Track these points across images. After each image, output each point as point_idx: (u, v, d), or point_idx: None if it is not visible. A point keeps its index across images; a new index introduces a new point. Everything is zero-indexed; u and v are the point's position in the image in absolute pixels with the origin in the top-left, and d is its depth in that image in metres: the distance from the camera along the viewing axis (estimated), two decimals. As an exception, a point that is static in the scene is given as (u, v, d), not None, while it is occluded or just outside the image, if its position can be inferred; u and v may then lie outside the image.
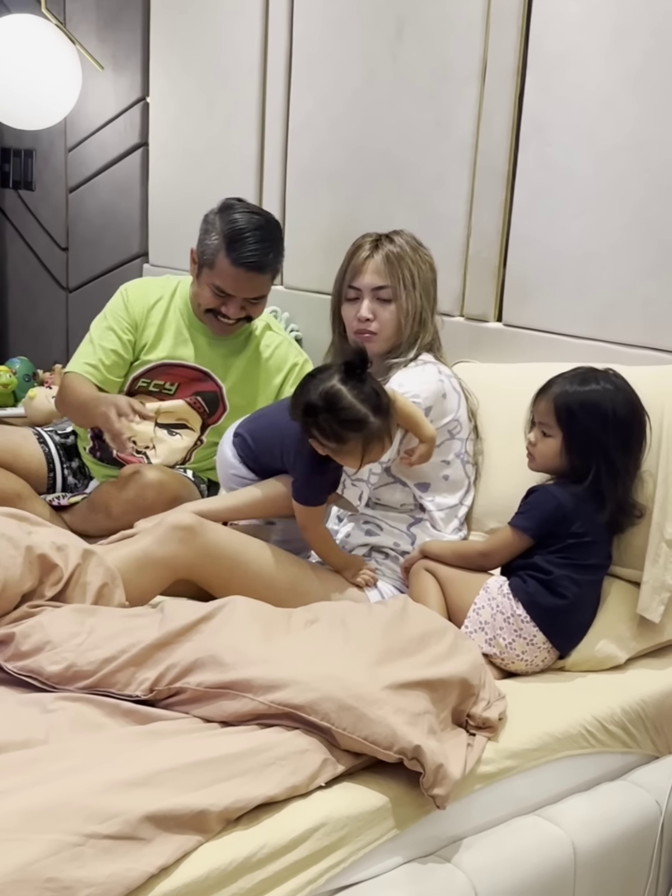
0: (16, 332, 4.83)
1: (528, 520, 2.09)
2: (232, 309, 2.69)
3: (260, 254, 2.63)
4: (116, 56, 3.94)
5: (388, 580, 2.31)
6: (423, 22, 2.80)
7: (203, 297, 2.73)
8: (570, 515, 2.06)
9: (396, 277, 2.37)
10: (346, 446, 2.10)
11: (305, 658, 1.72)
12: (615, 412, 2.07)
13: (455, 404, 2.35)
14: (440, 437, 2.32)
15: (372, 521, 2.38)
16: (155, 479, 2.58)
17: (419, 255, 2.41)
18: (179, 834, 1.40)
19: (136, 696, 1.73)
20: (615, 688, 2.02)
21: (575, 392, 2.09)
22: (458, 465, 2.38)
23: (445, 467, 2.36)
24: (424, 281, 2.40)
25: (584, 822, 1.80)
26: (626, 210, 2.44)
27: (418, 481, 2.35)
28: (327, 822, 1.51)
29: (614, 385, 2.10)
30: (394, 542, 2.35)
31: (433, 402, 2.30)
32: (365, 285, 2.39)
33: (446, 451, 2.35)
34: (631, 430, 2.10)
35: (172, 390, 2.82)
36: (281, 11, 3.20)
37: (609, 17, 2.42)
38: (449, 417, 2.34)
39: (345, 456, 2.12)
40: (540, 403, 2.14)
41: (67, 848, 1.32)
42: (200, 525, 2.15)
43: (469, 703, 1.78)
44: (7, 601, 1.87)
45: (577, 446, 2.09)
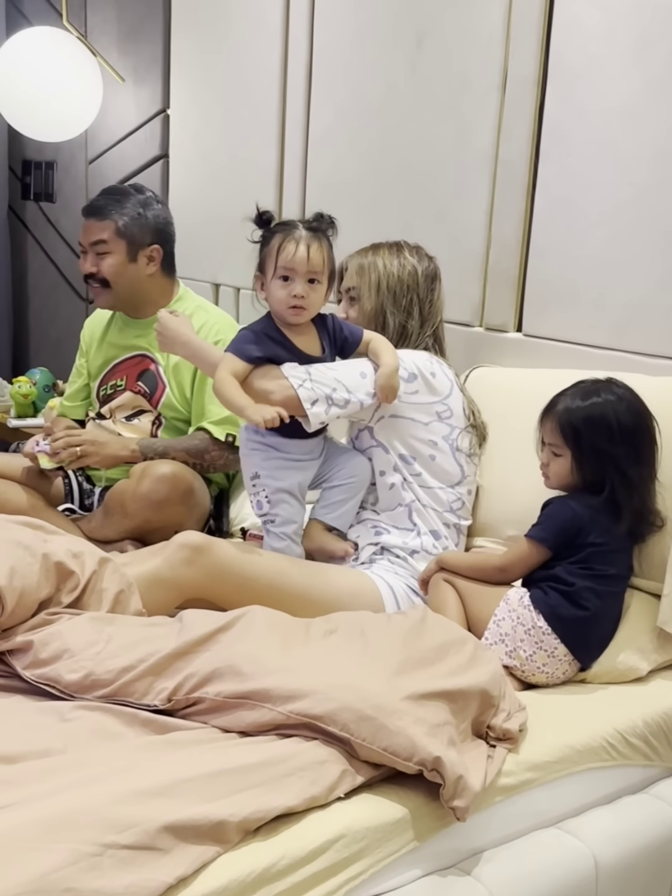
0: (36, 342, 4.85)
1: (544, 530, 2.09)
2: (86, 264, 2.87)
3: (97, 201, 2.87)
4: (137, 68, 3.96)
5: (399, 578, 2.31)
6: (443, 33, 2.81)
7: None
8: (586, 525, 2.05)
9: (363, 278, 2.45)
10: (267, 247, 2.24)
11: (324, 668, 1.71)
12: (620, 422, 2.07)
13: (446, 389, 2.38)
14: (427, 416, 2.34)
15: (378, 524, 2.39)
16: (168, 471, 2.60)
17: (397, 260, 2.45)
18: (198, 844, 1.40)
19: (154, 706, 1.73)
20: (637, 700, 2.01)
21: (577, 408, 2.09)
22: (448, 451, 2.37)
23: (432, 447, 2.36)
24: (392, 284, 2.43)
25: (605, 835, 1.79)
26: (646, 221, 2.44)
27: (404, 451, 2.36)
28: (346, 833, 1.50)
29: (616, 395, 2.10)
30: (402, 540, 2.35)
31: (418, 373, 2.33)
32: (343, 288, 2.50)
33: (434, 431, 2.36)
34: (639, 437, 2.10)
35: (123, 384, 2.92)
36: (301, 23, 3.21)
37: (630, 29, 2.41)
38: (437, 398, 2.36)
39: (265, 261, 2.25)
40: (546, 424, 2.15)
41: (86, 858, 1.32)
42: (208, 544, 2.15)
43: (489, 714, 1.77)
44: (25, 609, 1.87)
45: (587, 462, 2.09)
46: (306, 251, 2.22)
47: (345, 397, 2.25)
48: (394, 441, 2.36)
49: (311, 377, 2.24)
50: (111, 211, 2.83)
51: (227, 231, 3.56)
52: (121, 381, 2.92)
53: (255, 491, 2.34)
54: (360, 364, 2.31)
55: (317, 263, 2.23)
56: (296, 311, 2.25)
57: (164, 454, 2.73)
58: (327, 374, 2.26)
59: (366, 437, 2.40)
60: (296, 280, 2.22)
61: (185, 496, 2.61)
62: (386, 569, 2.32)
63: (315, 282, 2.24)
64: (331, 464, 2.40)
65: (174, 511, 2.59)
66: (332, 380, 2.25)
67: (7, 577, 1.82)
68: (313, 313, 2.30)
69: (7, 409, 3.92)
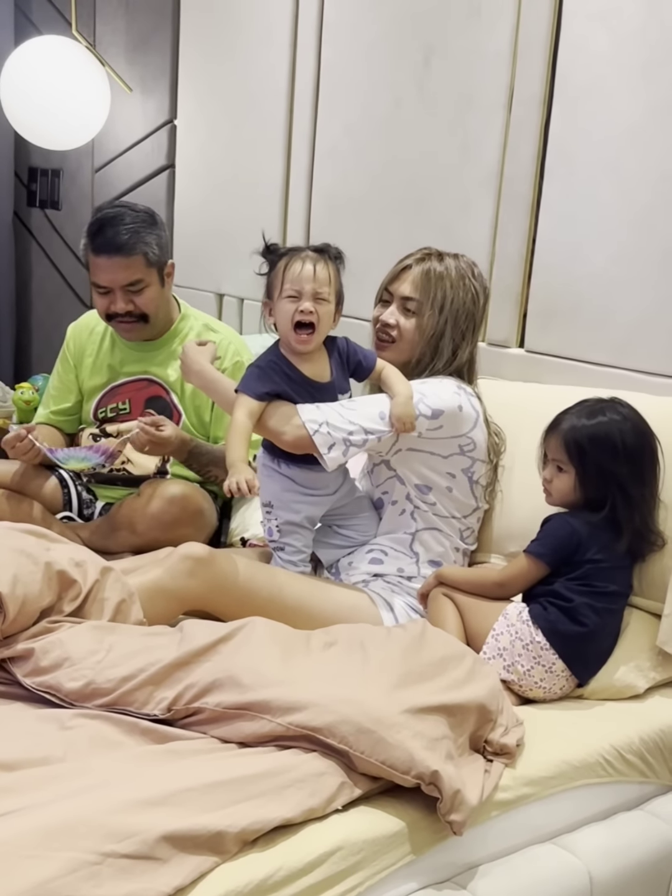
0: (39, 349, 4.86)
1: (543, 546, 2.10)
2: (118, 303, 2.69)
3: (119, 238, 2.65)
4: (145, 78, 3.98)
5: (397, 596, 2.30)
6: (451, 51, 2.83)
7: (97, 306, 2.76)
8: (585, 542, 2.06)
9: (427, 294, 2.34)
10: (274, 270, 2.23)
11: (324, 680, 1.72)
12: (625, 442, 2.08)
13: (471, 422, 2.32)
14: (448, 450, 2.30)
15: (377, 547, 2.37)
16: (178, 492, 2.59)
17: (463, 283, 2.37)
18: (196, 855, 1.41)
19: (153, 715, 1.73)
20: (634, 717, 2.01)
21: (583, 426, 2.10)
22: (465, 484, 2.34)
23: (450, 479, 2.32)
24: (456, 308, 2.35)
25: (600, 851, 1.79)
26: (650, 241, 2.45)
27: (419, 482, 2.32)
28: (344, 846, 1.51)
29: (621, 415, 2.11)
30: (398, 567, 2.33)
31: (445, 409, 2.26)
32: (398, 293, 2.38)
33: (454, 464, 2.32)
34: (642, 458, 2.11)
35: (127, 408, 2.84)
36: (310, 38, 3.23)
37: (637, 50, 2.43)
38: (461, 433, 2.30)
39: (271, 284, 2.24)
40: (550, 441, 2.16)
41: (85, 867, 1.33)
42: (210, 556, 2.14)
43: (487, 728, 1.77)
44: (26, 616, 1.88)
45: (591, 480, 2.10)
46: (312, 268, 2.20)
47: (363, 438, 2.21)
48: (409, 473, 2.32)
49: (327, 421, 2.19)
50: (135, 243, 2.67)
51: (232, 242, 3.58)
52: (124, 405, 2.85)
53: (267, 518, 2.34)
54: (379, 403, 2.25)
55: (323, 280, 2.20)
56: (302, 335, 2.21)
57: (206, 465, 2.71)
58: (345, 417, 2.20)
59: (382, 470, 2.36)
60: (302, 297, 2.20)
61: (194, 517, 2.59)
62: (383, 588, 2.32)
63: (322, 300, 2.21)
64: (348, 510, 2.39)
65: (183, 532, 2.55)
66: (349, 423, 2.20)
67: (10, 585, 1.83)
68: (321, 335, 2.25)
69: (9, 415, 3.92)
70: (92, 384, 2.89)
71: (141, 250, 2.68)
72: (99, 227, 2.68)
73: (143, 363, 2.84)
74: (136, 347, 2.85)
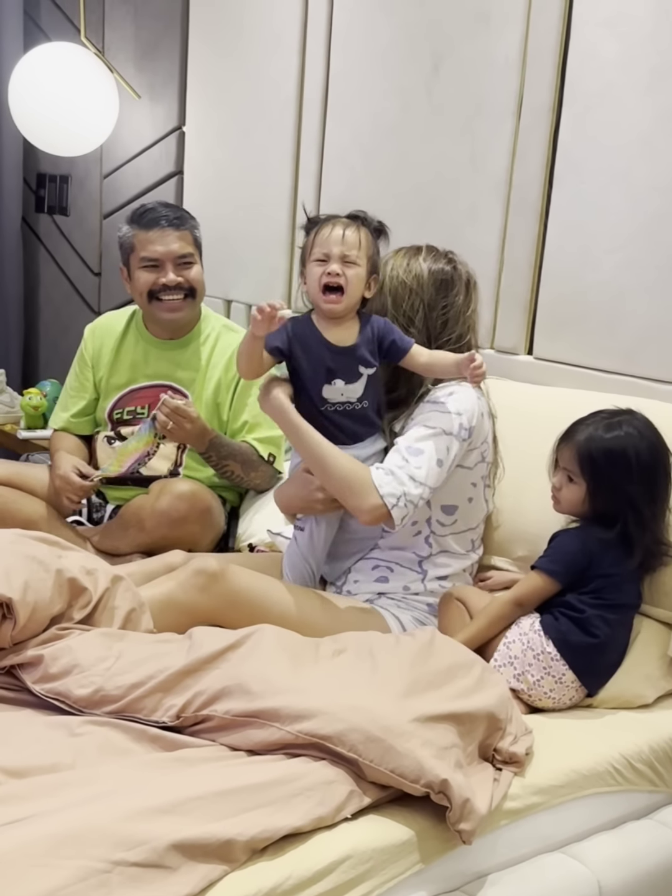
0: (47, 355, 4.87)
1: (555, 563, 2.08)
2: (170, 275, 2.76)
3: (169, 214, 2.79)
4: (153, 85, 3.99)
5: (405, 611, 2.28)
6: (460, 58, 2.83)
7: (139, 284, 2.79)
8: (596, 559, 2.05)
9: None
10: (307, 238, 2.22)
11: (333, 688, 1.72)
12: (639, 460, 2.05)
13: (488, 427, 2.31)
14: (473, 461, 2.27)
15: (382, 563, 2.33)
16: (187, 490, 2.61)
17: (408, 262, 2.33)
18: (205, 863, 1.41)
19: (162, 723, 1.73)
20: (643, 725, 2.01)
21: (600, 439, 2.07)
22: (481, 490, 2.33)
23: (473, 489, 2.31)
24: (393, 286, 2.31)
25: (609, 860, 1.79)
26: (660, 248, 2.45)
27: (447, 503, 2.28)
28: (353, 854, 1.51)
29: (638, 431, 2.08)
30: (404, 585, 2.31)
31: (476, 422, 2.23)
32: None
33: (477, 473, 2.30)
34: (656, 476, 2.09)
35: (145, 413, 2.84)
36: (319, 44, 3.24)
37: (646, 58, 2.43)
38: (482, 441, 2.29)
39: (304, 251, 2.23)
40: (564, 450, 2.13)
41: (94, 875, 1.33)
42: (223, 571, 2.13)
43: (496, 737, 1.77)
44: (37, 623, 1.88)
45: (601, 495, 2.08)
46: (342, 231, 2.18)
47: (426, 498, 2.16)
48: (439, 494, 2.23)
49: (405, 493, 2.11)
50: (185, 219, 2.81)
51: (241, 248, 3.59)
52: (142, 409, 2.85)
53: None
54: (440, 449, 2.17)
55: (352, 243, 2.17)
56: (330, 296, 2.17)
57: (224, 457, 2.73)
58: (416, 479, 2.13)
59: None
60: (331, 260, 2.17)
61: (202, 515, 2.62)
62: (389, 604, 2.30)
63: (350, 263, 2.17)
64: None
65: (191, 529, 2.60)
66: (419, 485, 2.13)
67: (21, 592, 1.83)
68: (351, 299, 2.19)
69: (17, 421, 3.94)
70: (112, 382, 2.91)
71: (190, 227, 2.82)
72: (145, 210, 2.80)
73: (165, 362, 2.86)
74: (159, 345, 2.87)
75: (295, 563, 2.34)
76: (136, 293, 2.83)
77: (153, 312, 2.82)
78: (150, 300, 2.79)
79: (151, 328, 2.89)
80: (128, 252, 2.81)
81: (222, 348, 2.85)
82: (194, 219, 2.86)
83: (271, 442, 2.81)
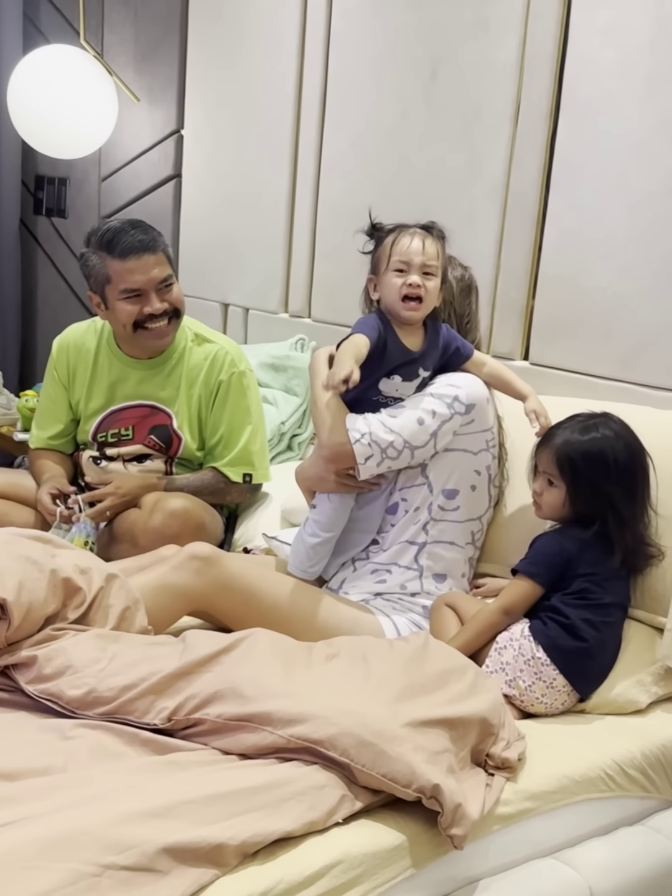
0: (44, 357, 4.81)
1: (534, 565, 2.09)
2: (155, 303, 2.63)
3: (143, 238, 2.61)
4: (152, 89, 3.99)
5: (400, 613, 2.28)
6: (458, 64, 2.83)
7: (122, 316, 2.65)
8: (575, 558, 2.07)
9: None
10: (381, 246, 2.24)
11: (326, 693, 1.72)
12: (617, 460, 2.07)
13: (493, 417, 2.33)
14: (477, 446, 2.29)
15: (379, 567, 2.34)
16: (180, 507, 2.58)
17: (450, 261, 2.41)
18: (196, 867, 1.40)
19: (154, 725, 1.73)
20: (635, 731, 2.01)
21: (577, 442, 2.10)
22: (485, 481, 2.34)
23: (476, 477, 2.31)
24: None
25: (601, 866, 1.79)
26: (656, 255, 2.46)
27: (449, 486, 2.30)
28: (344, 859, 1.50)
29: (614, 432, 2.10)
30: (401, 584, 2.31)
31: (477, 401, 2.27)
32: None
33: (481, 461, 2.31)
34: (634, 476, 2.11)
35: (130, 434, 2.79)
36: (317, 49, 3.24)
37: (644, 65, 2.44)
38: (488, 427, 2.30)
39: (378, 259, 2.25)
40: (542, 454, 2.15)
41: (85, 878, 1.33)
42: (217, 556, 2.16)
43: (488, 742, 1.77)
44: (31, 624, 1.88)
45: (582, 497, 2.10)
46: (421, 243, 2.21)
47: (398, 449, 2.22)
48: (441, 476, 2.29)
49: (370, 431, 2.20)
50: (156, 240, 2.65)
51: (238, 252, 3.59)
52: (126, 431, 2.78)
53: None
54: (419, 409, 2.24)
55: (432, 255, 2.21)
56: (410, 304, 2.21)
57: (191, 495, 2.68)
58: (387, 425, 2.22)
59: (413, 475, 2.32)
60: (411, 271, 2.20)
61: (196, 532, 2.56)
62: (384, 605, 2.30)
63: (430, 275, 2.22)
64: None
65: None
66: (390, 432, 2.21)
67: (15, 593, 1.83)
68: (428, 308, 2.25)
69: (13, 423, 3.93)
70: (90, 406, 2.83)
71: (162, 246, 2.67)
72: (112, 235, 2.62)
73: (144, 383, 2.78)
74: (135, 365, 2.78)
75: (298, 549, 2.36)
76: (117, 324, 2.70)
77: (139, 341, 2.71)
78: (136, 329, 2.68)
79: (126, 349, 2.78)
80: (102, 283, 2.65)
81: (197, 362, 2.76)
82: (161, 234, 2.70)
83: (243, 461, 2.75)
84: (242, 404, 2.76)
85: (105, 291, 2.66)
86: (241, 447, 2.74)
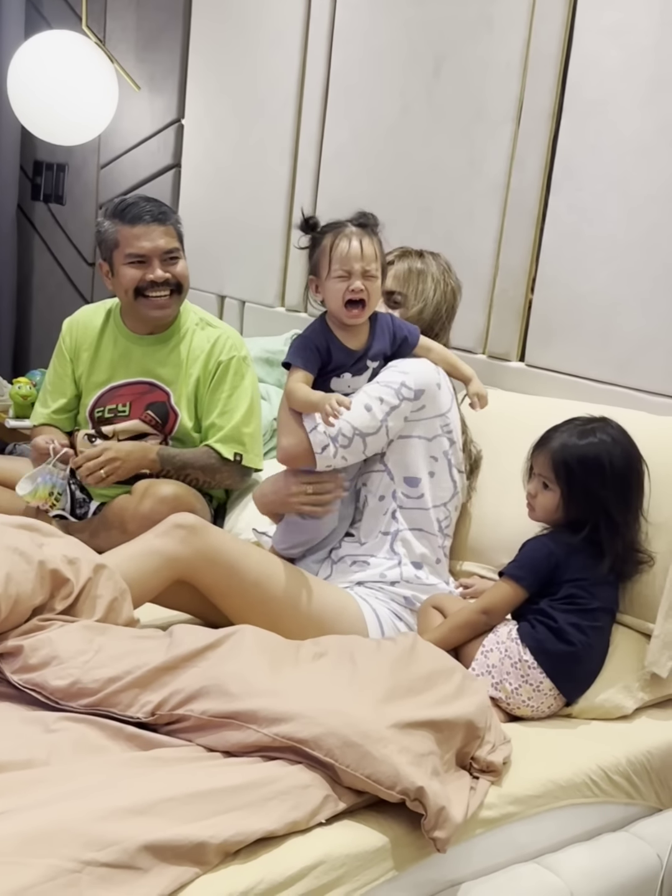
0: (38, 344, 4.85)
1: (521, 569, 2.09)
2: (157, 271, 2.70)
3: (153, 209, 2.73)
4: (154, 77, 3.97)
5: (382, 603, 2.29)
6: (461, 61, 2.82)
7: (125, 280, 2.73)
8: (563, 563, 2.06)
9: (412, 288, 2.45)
10: (318, 248, 2.25)
11: (312, 692, 1.71)
12: (612, 466, 2.07)
13: (448, 403, 2.35)
14: (431, 432, 2.32)
15: (357, 558, 2.36)
16: (170, 493, 2.58)
17: (444, 279, 2.48)
18: (177, 865, 1.40)
19: (137, 718, 1.72)
20: (621, 738, 2.01)
21: (574, 446, 2.09)
22: (445, 466, 2.35)
23: (433, 463, 2.34)
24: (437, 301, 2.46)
25: (583, 872, 1.79)
26: (655, 259, 2.45)
27: (408, 474, 2.33)
28: (326, 859, 1.50)
29: (611, 437, 2.10)
30: (380, 573, 2.32)
31: (425, 387, 2.30)
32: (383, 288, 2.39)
33: (437, 446, 2.33)
34: (629, 483, 2.10)
35: (126, 411, 2.81)
36: (320, 41, 3.23)
37: (647, 67, 2.43)
38: (441, 412, 2.33)
39: (318, 262, 2.25)
40: (539, 457, 2.14)
41: (64, 874, 1.32)
42: (203, 526, 2.19)
43: (474, 745, 1.76)
44: (18, 615, 1.87)
45: (576, 501, 2.09)
46: (359, 246, 2.23)
47: (348, 437, 2.25)
48: (399, 464, 2.32)
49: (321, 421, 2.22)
50: (169, 214, 2.75)
51: (235, 244, 3.58)
52: (123, 407, 2.81)
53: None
54: (367, 397, 2.28)
55: (370, 257, 2.24)
56: (353, 311, 2.25)
57: (181, 468, 2.71)
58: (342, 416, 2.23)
59: (372, 462, 2.35)
60: (352, 276, 2.23)
61: None
62: (367, 593, 2.31)
63: (370, 276, 2.24)
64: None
65: None
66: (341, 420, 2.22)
67: (3, 585, 1.82)
68: (371, 309, 2.29)
69: (6, 409, 3.92)
70: (92, 380, 2.87)
71: (174, 221, 2.76)
72: (127, 205, 2.73)
73: (146, 359, 2.81)
74: (138, 342, 2.83)
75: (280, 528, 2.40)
76: (120, 290, 2.77)
77: (139, 309, 2.76)
78: (137, 297, 2.74)
79: (130, 324, 2.83)
80: (111, 248, 2.74)
81: (200, 343, 2.81)
82: (176, 213, 2.82)
83: (235, 439, 2.76)
84: (239, 387, 2.78)
85: (113, 256, 2.75)
86: (233, 425, 2.75)
